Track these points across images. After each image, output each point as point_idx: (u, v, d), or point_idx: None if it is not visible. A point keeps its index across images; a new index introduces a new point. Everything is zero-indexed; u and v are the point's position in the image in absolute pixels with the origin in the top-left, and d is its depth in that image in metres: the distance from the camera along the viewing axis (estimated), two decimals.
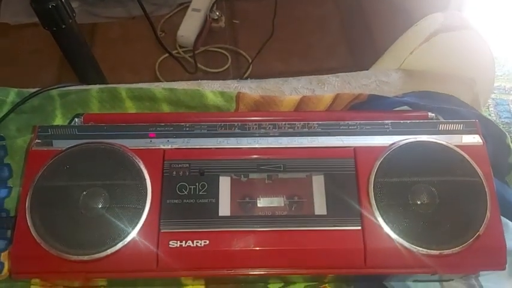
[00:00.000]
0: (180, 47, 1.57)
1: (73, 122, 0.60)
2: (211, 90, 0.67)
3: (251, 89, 0.71)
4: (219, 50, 1.59)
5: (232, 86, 0.71)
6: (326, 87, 0.69)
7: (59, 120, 0.64)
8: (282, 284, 0.56)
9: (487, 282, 0.56)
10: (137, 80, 1.55)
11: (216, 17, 1.58)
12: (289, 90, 0.70)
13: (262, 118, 0.62)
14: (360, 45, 1.56)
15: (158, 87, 0.67)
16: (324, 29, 1.61)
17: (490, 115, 1.29)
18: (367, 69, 0.83)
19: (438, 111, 0.62)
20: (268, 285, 0.56)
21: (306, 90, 0.70)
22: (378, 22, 1.41)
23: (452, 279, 0.56)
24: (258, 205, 0.51)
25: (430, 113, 0.62)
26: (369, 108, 0.64)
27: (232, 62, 1.57)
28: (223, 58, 1.57)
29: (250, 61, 1.54)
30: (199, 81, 0.73)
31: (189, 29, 1.55)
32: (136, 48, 1.57)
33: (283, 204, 0.51)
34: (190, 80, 0.72)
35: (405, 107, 0.65)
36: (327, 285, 0.56)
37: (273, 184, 0.52)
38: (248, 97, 0.65)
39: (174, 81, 0.72)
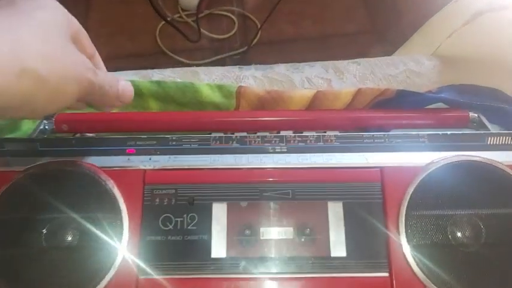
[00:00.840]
0: (183, 10, 1.44)
1: (42, 125, 0.50)
2: (207, 83, 0.55)
3: (255, 78, 0.60)
4: (225, 13, 1.46)
5: (234, 75, 0.60)
6: (345, 77, 0.58)
7: (27, 122, 0.54)
8: None
9: None
10: (137, 48, 1.45)
11: None
12: (300, 80, 0.59)
13: (267, 119, 0.52)
14: (379, 7, 1.42)
15: (144, 81, 0.56)
16: None
17: None
18: (388, 39, 0.71)
19: (482, 110, 0.51)
20: None
21: (321, 81, 0.58)
22: None
23: None
24: (261, 242, 0.41)
25: (471, 113, 0.51)
26: (397, 106, 0.53)
27: (239, 27, 1.44)
28: (229, 22, 1.45)
29: (259, 26, 1.41)
30: (195, 68, 0.62)
31: None
32: (136, 12, 1.45)
33: (291, 242, 0.41)
34: (194, 48, 0.61)
35: (440, 104, 0.54)
36: None
37: (280, 215, 0.42)
38: (251, 93, 0.54)
39: (176, 49, 0.60)
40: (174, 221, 0.41)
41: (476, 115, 0.51)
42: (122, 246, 0.40)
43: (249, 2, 1.50)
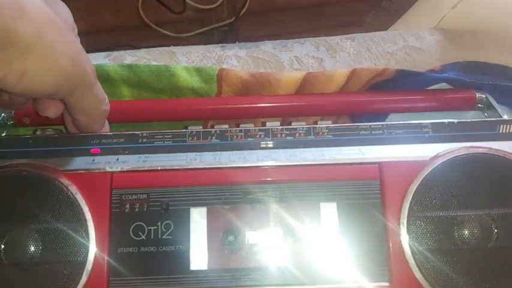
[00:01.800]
0: None
1: (0, 118, 0.45)
2: (185, 66, 0.50)
3: (239, 58, 0.54)
4: None
5: (215, 55, 0.54)
6: (338, 56, 0.52)
7: None
8: None
9: None
10: (119, 21, 1.37)
11: None
12: (289, 60, 0.53)
13: (253, 105, 0.47)
14: None
15: (114, 65, 0.50)
16: None
17: None
18: (383, 4, 0.65)
19: (490, 90, 0.46)
20: None
21: (311, 60, 0.53)
22: None
23: None
24: (246, 253, 0.36)
25: (478, 94, 0.46)
26: (397, 88, 0.48)
27: None
28: None
29: None
30: (172, 48, 0.56)
31: None
32: None
33: (279, 251, 0.36)
34: (179, 20, 0.55)
35: (444, 84, 0.49)
36: None
37: (267, 219, 0.37)
38: (233, 76, 0.49)
39: (160, 22, 0.54)
40: (147, 230, 0.36)
41: (483, 96, 0.46)
42: (88, 261, 0.35)
43: None
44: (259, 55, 0.54)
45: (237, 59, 0.54)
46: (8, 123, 0.46)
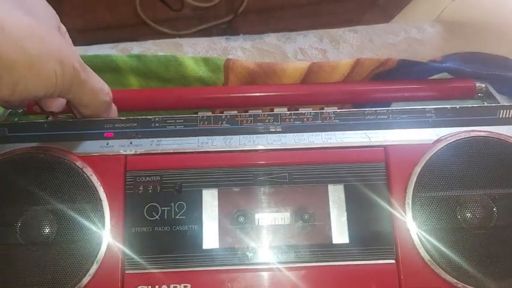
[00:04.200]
0: None
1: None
2: (192, 56, 0.51)
3: (245, 50, 0.55)
4: None
5: (220, 47, 0.55)
6: (341, 47, 0.53)
7: None
8: None
9: None
10: (116, 18, 1.37)
11: None
12: (293, 51, 0.55)
13: (259, 94, 0.48)
14: None
15: (122, 55, 0.51)
16: None
17: None
18: (380, 3, 0.66)
19: (490, 80, 0.47)
20: None
21: (315, 52, 0.54)
22: None
23: None
24: (256, 232, 0.38)
25: (478, 83, 0.47)
26: (399, 77, 0.49)
27: None
28: None
29: None
30: (178, 39, 0.57)
31: None
32: None
33: (289, 229, 0.38)
34: (177, 18, 0.56)
35: (445, 74, 0.50)
36: None
37: (276, 200, 0.38)
38: (240, 66, 0.50)
39: (158, 19, 0.55)
40: (160, 211, 0.37)
41: (483, 85, 0.47)
42: (104, 240, 0.36)
43: None
44: (263, 47, 0.55)
45: (242, 51, 0.55)
46: (19, 111, 0.47)
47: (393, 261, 0.36)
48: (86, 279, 0.35)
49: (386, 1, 1.12)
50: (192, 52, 0.55)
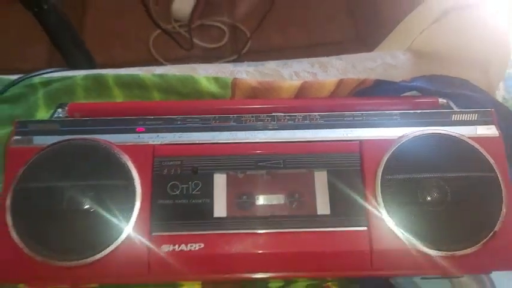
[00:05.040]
0: (175, 21, 1.50)
1: (56, 113, 0.56)
2: (205, 76, 0.62)
3: (248, 73, 0.66)
4: (216, 23, 1.53)
5: (228, 70, 0.66)
6: (329, 71, 0.64)
7: (42, 111, 0.60)
8: (283, 283, 0.53)
9: (500, 277, 0.53)
10: (130, 56, 1.50)
11: None
12: (289, 74, 0.66)
13: (260, 106, 0.58)
14: (363, 17, 1.50)
15: (147, 74, 0.62)
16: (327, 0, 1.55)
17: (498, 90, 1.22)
18: (371, 44, 0.78)
19: (450, 97, 0.58)
20: (268, 285, 0.53)
21: (307, 74, 0.65)
22: None
23: (462, 276, 0.52)
24: (256, 205, 0.47)
25: (440, 99, 0.58)
26: (376, 94, 0.60)
27: (230, 37, 1.52)
28: (220, 33, 1.52)
29: (248, 35, 1.49)
30: (192, 64, 0.68)
31: (184, 1, 1.49)
32: (129, 21, 1.51)
33: (283, 204, 0.47)
34: (186, 57, 0.67)
35: (414, 93, 0.61)
36: (330, 283, 0.53)
37: (272, 182, 0.48)
38: (245, 83, 0.61)
39: (169, 58, 0.67)
40: (180, 187, 0.47)
41: (445, 101, 0.57)
42: (135, 209, 0.46)
43: (238, 13, 1.57)
44: (264, 70, 0.66)
45: (246, 73, 0.66)
46: (62, 117, 0.57)
47: (366, 228, 0.46)
48: (122, 237, 0.44)
49: (367, 35, 1.24)
50: (205, 74, 0.66)
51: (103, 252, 0.44)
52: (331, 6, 1.54)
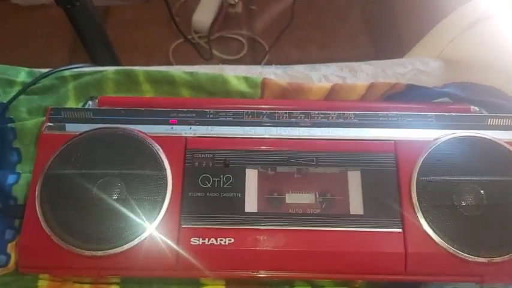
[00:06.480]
0: (195, 32, 1.52)
1: (87, 105, 0.56)
2: (235, 75, 0.62)
3: (277, 75, 0.66)
4: (235, 36, 1.54)
5: (256, 72, 0.66)
6: (358, 75, 0.64)
7: (71, 103, 0.60)
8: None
9: None
10: (150, 66, 1.51)
11: (233, 2, 1.53)
12: (318, 77, 0.65)
13: (289, 107, 0.58)
14: (383, 35, 1.50)
15: (178, 71, 0.62)
16: (346, 17, 1.56)
17: None
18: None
19: (481, 105, 0.57)
20: None
21: (336, 78, 0.65)
22: (403, 11, 1.35)
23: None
24: (287, 202, 0.46)
25: (472, 107, 0.57)
26: (406, 99, 0.59)
27: (249, 50, 1.52)
28: (239, 45, 1.53)
29: (267, 49, 1.49)
30: (221, 65, 0.68)
31: (204, 13, 1.51)
32: (149, 32, 1.53)
33: (314, 202, 0.46)
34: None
35: (446, 99, 0.60)
36: None
37: (304, 179, 0.47)
38: (274, 84, 0.60)
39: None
40: (212, 180, 0.46)
41: (477, 108, 0.56)
42: (166, 200, 0.45)
43: (257, 27, 1.58)
44: (293, 73, 0.66)
45: (275, 75, 0.66)
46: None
47: (400, 230, 0.44)
48: (151, 229, 0.44)
49: (386, 54, 1.25)
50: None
51: (131, 243, 0.44)
52: (350, 25, 1.55)
